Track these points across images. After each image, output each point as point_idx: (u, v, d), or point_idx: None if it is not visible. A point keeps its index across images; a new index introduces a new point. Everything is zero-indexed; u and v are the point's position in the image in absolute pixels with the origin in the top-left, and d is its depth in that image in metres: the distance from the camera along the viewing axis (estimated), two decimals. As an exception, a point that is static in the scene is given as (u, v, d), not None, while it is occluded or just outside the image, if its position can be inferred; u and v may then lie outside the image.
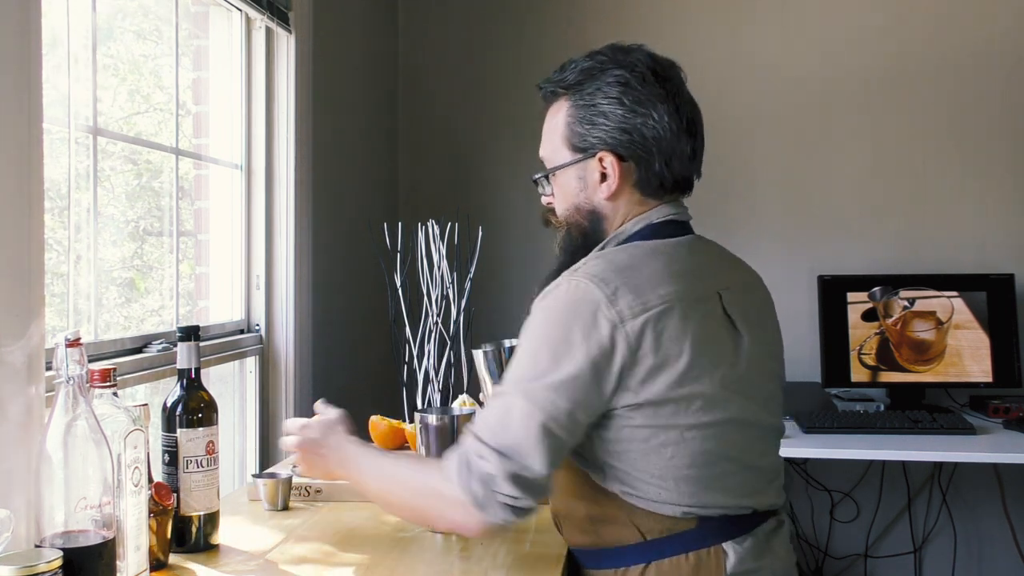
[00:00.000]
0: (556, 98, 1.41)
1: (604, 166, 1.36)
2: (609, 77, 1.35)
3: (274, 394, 2.32)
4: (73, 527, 1.13)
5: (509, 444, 1.21)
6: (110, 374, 1.24)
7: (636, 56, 1.37)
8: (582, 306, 1.24)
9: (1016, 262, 3.01)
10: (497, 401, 1.26)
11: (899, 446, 2.49)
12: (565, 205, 1.41)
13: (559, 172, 1.40)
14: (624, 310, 1.23)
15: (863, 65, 3.14)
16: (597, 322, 1.23)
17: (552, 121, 1.42)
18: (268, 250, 2.31)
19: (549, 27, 3.28)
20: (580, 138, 1.37)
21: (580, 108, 1.37)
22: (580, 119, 1.36)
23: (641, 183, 1.36)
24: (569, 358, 1.22)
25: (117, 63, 1.95)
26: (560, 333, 1.24)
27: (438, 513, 1.28)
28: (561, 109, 1.39)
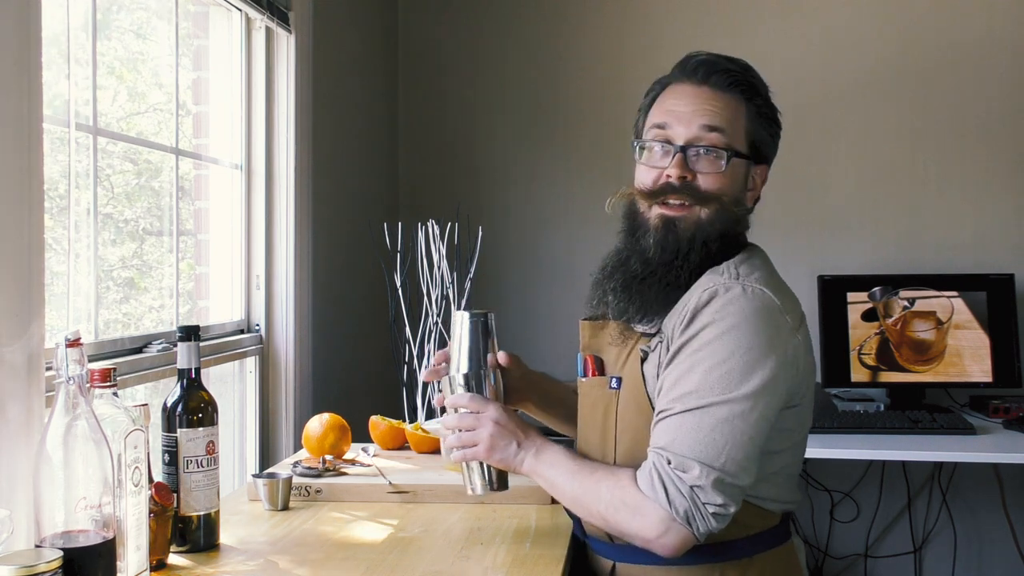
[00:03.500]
0: (732, 88, 1.38)
1: (756, 175, 1.42)
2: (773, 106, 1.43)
3: (274, 394, 2.32)
4: (73, 527, 1.13)
5: (710, 454, 1.23)
6: (110, 374, 1.24)
7: None
8: (766, 314, 1.28)
9: (1016, 262, 3.00)
10: (686, 415, 1.26)
11: (899, 446, 2.48)
12: (726, 188, 1.37)
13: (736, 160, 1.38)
14: (793, 318, 1.31)
15: (863, 65, 3.14)
16: (780, 330, 1.29)
17: (731, 108, 1.39)
18: (268, 250, 2.31)
19: (550, 27, 3.28)
20: (763, 144, 1.41)
21: (768, 120, 1.41)
22: (763, 127, 1.41)
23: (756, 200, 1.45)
24: (763, 366, 1.25)
25: (117, 63, 1.95)
26: (751, 341, 1.26)
27: (633, 530, 1.27)
28: (741, 103, 1.39)
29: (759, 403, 1.25)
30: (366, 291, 2.81)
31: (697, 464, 1.23)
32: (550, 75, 3.27)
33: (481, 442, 1.37)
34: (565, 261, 3.22)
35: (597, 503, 1.31)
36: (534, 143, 3.27)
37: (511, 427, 1.37)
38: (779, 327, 1.28)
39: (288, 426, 2.31)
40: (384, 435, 2.03)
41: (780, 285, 1.35)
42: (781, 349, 1.27)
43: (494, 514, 1.63)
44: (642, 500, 1.25)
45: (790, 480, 1.39)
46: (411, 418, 2.17)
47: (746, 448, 1.24)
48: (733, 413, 1.24)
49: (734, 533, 1.31)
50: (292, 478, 1.71)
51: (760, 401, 1.25)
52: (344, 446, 1.91)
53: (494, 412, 1.38)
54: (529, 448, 1.36)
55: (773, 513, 1.37)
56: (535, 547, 1.45)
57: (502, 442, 1.37)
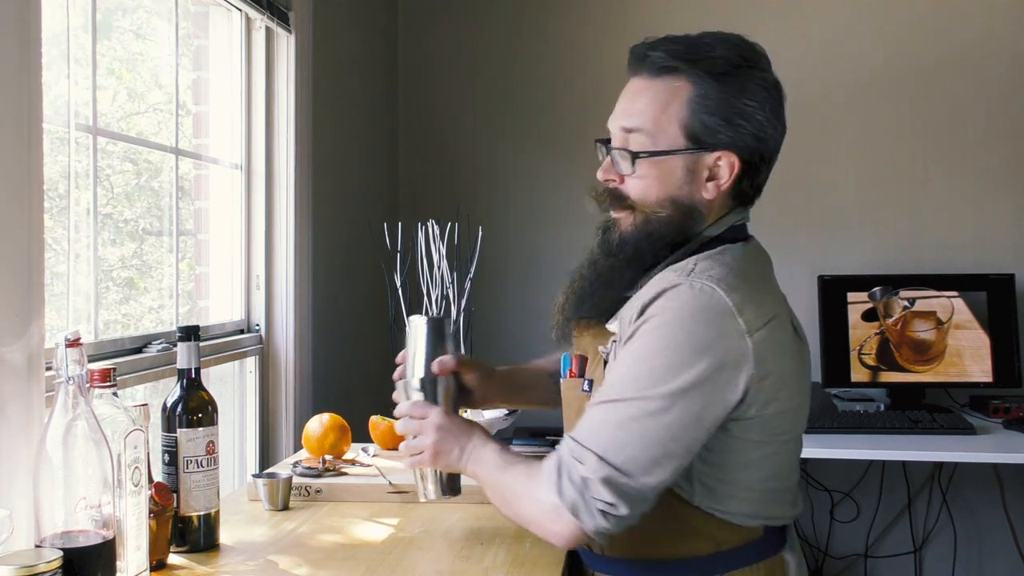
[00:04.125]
0: (670, 73, 1.25)
1: (719, 165, 1.25)
2: (753, 77, 1.25)
3: (274, 394, 2.32)
4: (73, 527, 1.13)
5: (609, 449, 1.16)
6: (110, 374, 1.24)
7: (767, 60, 1.29)
8: (710, 313, 1.17)
9: (1016, 262, 3.00)
10: (600, 407, 1.20)
11: (899, 446, 2.48)
12: (657, 193, 1.26)
13: (662, 157, 1.26)
14: (752, 320, 1.18)
15: (863, 65, 3.14)
16: (726, 331, 1.17)
17: (662, 97, 1.26)
18: (268, 250, 2.31)
19: (550, 27, 3.28)
20: (708, 131, 1.24)
21: (718, 100, 1.24)
22: (711, 110, 1.24)
23: (742, 190, 1.29)
24: (690, 367, 1.16)
25: (117, 63, 1.95)
26: (683, 340, 1.17)
27: (535, 521, 1.23)
28: (682, 89, 1.25)
29: (678, 405, 1.15)
30: (366, 291, 2.80)
31: (593, 457, 1.16)
32: (550, 75, 3.27)
33: (426, 449, 1.34)
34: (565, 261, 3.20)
35: (508, 493, 1.27)
36: (534, 143, 3.27)
37: (454, 431, 1.33)
38: (724, 329, 1.16)
39: (288, 426, 2.31)
40: (384, 435, 2.03)
41: (746, 284, 1.21)
42: (720, 352, 1.16)
43: (494, 514, 1.63)
44: (540, 486, 1.20)
45: (773, 495, 1.28)
46: (411, 418, 2.17)
47: (652, 450, 1.15)
48: (644, 411, 1.15)
49: (700, 548, 1.25)
50: (292, 478, 1.71)
51: (680, 403, 1.15)
52: (344, 446, 1.91)
53: (436, 418, 1.34)
54: (470, 451, 1.32)
55: (751, 528, 1.26)
56: (535, 547, 1.45)
57: (445, 447, 1.33)
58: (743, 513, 1.25)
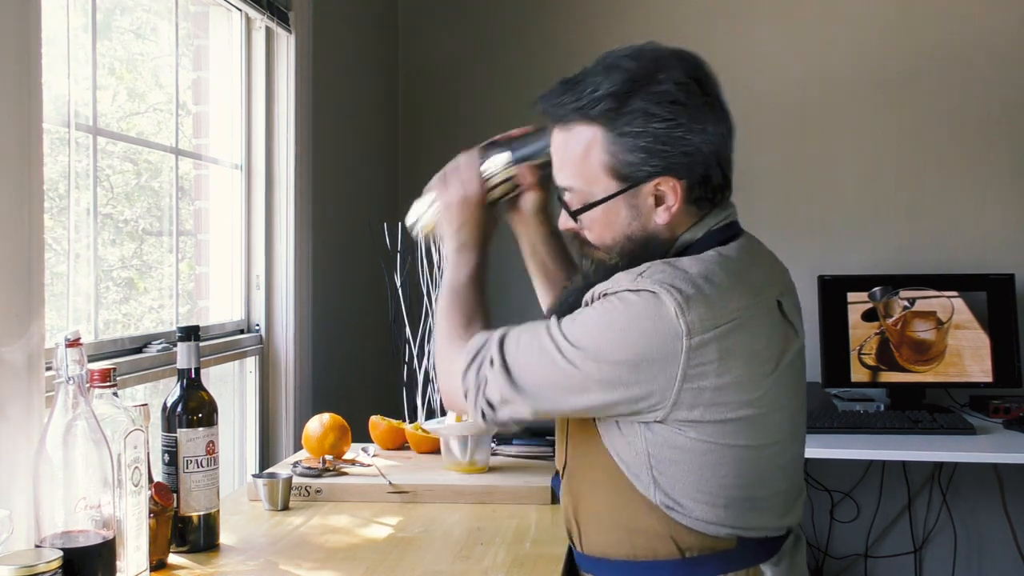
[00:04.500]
0: (572, 122, 1.25)
1: (660, 190, 1.22)
2: (653, 95, 1.20)
3: (274, 394, 2.32)
4: (73, 527, 1.13)
5: (519, 373, 1.22)
6: (110, 374, 1.24)
7: (668, 62, 1.22)
8: (648, 309, 1.15)
9: (1016, 262, 3.00)
10: (542, 333, 1.22)
11: (899, 446, 2.48)
12: (612, 235, 1.26)
13: (601, 206, 1.25)
14: (695, 322, 1.14)
15: (863, 65, 3.14)
16: (660, 330, 1.14)
17: (575, 149, 1.25)
18: (268, 250, 2.31)
19: (551, 26, 3.28)
20: (631, 167, 1.21)
21: (624, 136, 1.20)
22: (628, 148, 1.20)
23: (699, 198, 1.25)
24: (617, 350, 1.16)
25: (117, 63, 1.95)
26: (616, 327, 1.16)
27: (440, 371, 1.34)
28: (589, 136, 1.23)
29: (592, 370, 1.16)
30: (366, 291, 2.80)
31: (503, 367, 1.23)
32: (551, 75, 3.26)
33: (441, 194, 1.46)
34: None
35: (444, 324, 1.36)
36: (534, 143, 3.27)
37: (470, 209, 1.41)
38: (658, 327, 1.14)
39: (288, 426, 2.31)
40: (384, 435, 2.03)
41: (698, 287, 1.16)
42: (648, 347, 1.14)
43: (494, 514, 1.63)
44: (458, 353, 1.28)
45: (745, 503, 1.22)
46: (411, 418, 2.17)
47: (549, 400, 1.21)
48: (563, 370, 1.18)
49: (663, 551, 1.22)
50: (292, 478, 1.71)
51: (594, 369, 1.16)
52: (344, 446, 1.91)
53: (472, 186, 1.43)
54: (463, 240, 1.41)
55: (715, 537, 1.22)
56: (535, 547, 1.45)
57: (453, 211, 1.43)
58: (707, 520, 1.21)
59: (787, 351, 1.24)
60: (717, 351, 1.15)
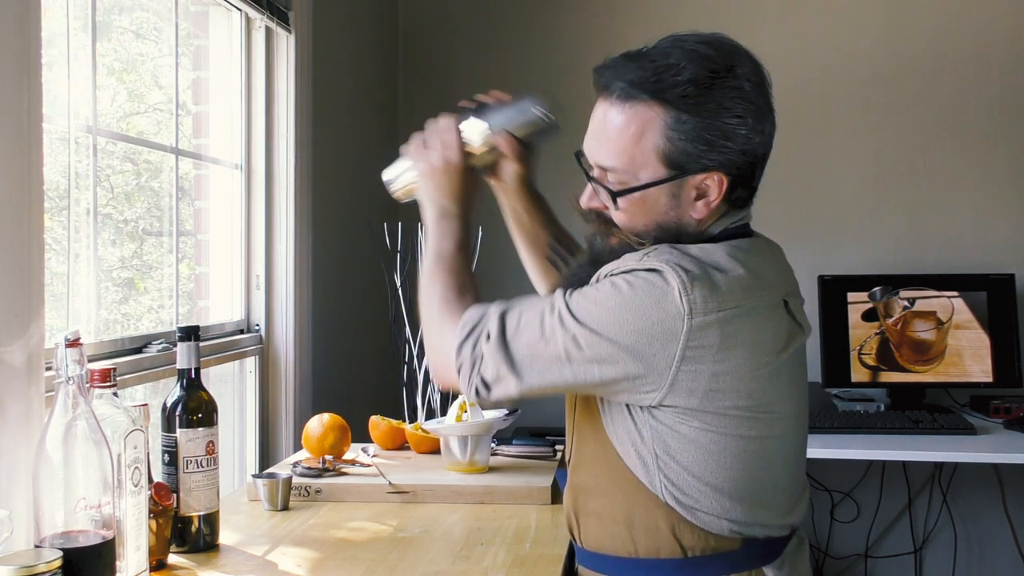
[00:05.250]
0: (635, 100, 1.19)
1: (706, 184, 1.20)
2: (729, 89, 1.17)
3: (274, 394, 2.32)
4: (73, 527, 1.13)
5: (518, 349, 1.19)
6: (110, 374, 1.24)
7: (743, 59, 1.20)
8: (651, 287, 1.14)
9: (1016, 262, 3.00)
10: (542, 307, 1.21)
11: (899, 446, 2.48)
12: (644, 222, 1.23)
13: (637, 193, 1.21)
14: (697, 302, 1.12)
15: (863, 65, 3.14)
16: (663, 305, 1.13)
17: (629, 127, 1.20)
18: (268, 250, 2.31)
19: (551, 28, 3.28)
20: (689, 157, 1.18)
21: (695, 125, 1.16)
22: (690, 137, 1.17)
23: (736, 198, 1.23)
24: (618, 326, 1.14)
25: (117, 63, 1.95)
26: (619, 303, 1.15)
27: (429, 345, 1.31)
28: (649, 117, 1.18)
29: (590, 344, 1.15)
30: (366, 291, 2.80)
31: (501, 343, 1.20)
32: (551, 75, 3.26)
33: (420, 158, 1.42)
34: (565, 261, 3.21)
35: (431, 295, 1.33)
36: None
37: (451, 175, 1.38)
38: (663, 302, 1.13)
39: (288, 426, 2.31)
40: (384, 435, 2.03)
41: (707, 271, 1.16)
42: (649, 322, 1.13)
43: (494, 514, 1.63)
44: (451, 327, 1.26)
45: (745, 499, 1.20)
46: (411, 418, 2.17)
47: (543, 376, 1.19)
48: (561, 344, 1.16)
49: (665, 549, 1.21)
50: (292, 478, 1.71)
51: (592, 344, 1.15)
52: (344, 446, 1.92)
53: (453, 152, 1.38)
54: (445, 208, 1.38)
55: (719, 536, 1.20)
56: (535, 547, 1.45)
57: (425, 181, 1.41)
58: (713, 514, 1.19)
59: (791, 345, 1.22)
60: (718, 335, 1.13)
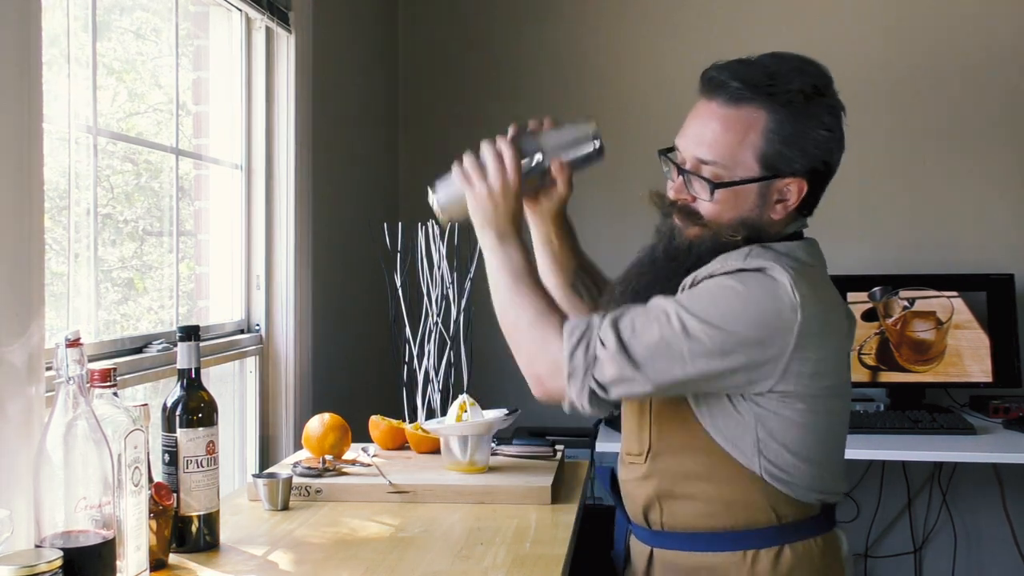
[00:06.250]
0: (747, 102, 1.30)
1: (789, 189, 1.33)
2: (825, 106, 1.33)
3: (274, 394, 2.32)
4: (73, 527, 1.13)
5: (638, 351, 1.24)
6: (110, 374, 1.24)
7: (831, 81, 1.36)
8: (765, 284, 1.25)
9: (1016, 262, 3.00)
10: (656, 311, 1.27)
11: (899, 446, 2.48)
12: (731, 216, 1.32)
13: (733, 188, 1.31)
14: (807, 295, 1.25)
15: (863, 65, 3.14)
16: (779, 299, 1.24)
17: (739, 127, 1.30)
18: (268, 250, 2.31)
19: (551, 26, 3.28)
20: (783, 160, 1.31)
21: (795, 131, 1.30)
22: (789, 142, 1.30)
23: (806, 205, 1.37)
24: (739, 317, 1.24)
25: (117, 63, 1.95)
26: (737, 300, 1.24)
27: (531, 360, 1.32)
28: (756, 118, 1.29)
29: (712, 337, 1.23)
30: (366, 291, 2.80)
31: (618, 345, 1.24)
32: (550, 74, 3.26)
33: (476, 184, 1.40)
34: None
35: (519, 312, 1.34)
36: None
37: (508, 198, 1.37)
38: (778, 299, 1.25)
39: (288, 426, 2.31)
40: (384, 435, 2.03)
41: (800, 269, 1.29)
42: (769, 316, 1.25)
43: (494, 514, 1.63)
44: (553, 336, 1.29)
45: (827, 469, 1.35)
46: (411, 418, 2.17)
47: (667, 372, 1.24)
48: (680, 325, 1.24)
49: (763, 519, 1.32)
50: (292, 478, 1.71)
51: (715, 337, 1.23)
52: (344, 446, 1.92)
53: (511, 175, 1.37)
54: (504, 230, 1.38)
55: (807, 504, 1.34)
56: (535, 547, 1.45)
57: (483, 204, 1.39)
58: (802, 486, 1.32)
59: (851, 332, 1.41)
60: (820, 324, 1.26)
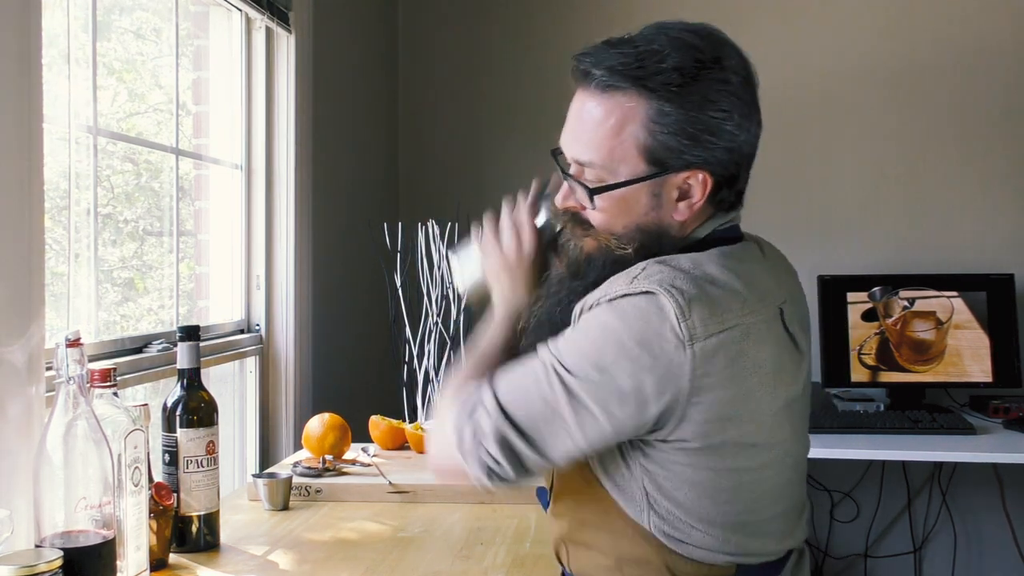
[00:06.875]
0: (615, 90, 1.10)
1: (688, 184, 1.12)
2: (715, 82, 1.09)
3: (274, 394, 2.32)
4: (73, 527, 1.13)
5: (519, 413, 1.08)
6: (110, 374, 1.24)
7: (730, 51, 1.12)
8: (646, 316, 1.04)
9: (1016, 262, 3.00)
10: (533, 367, 1.10)
11: (899, 446, 2.48)
12: (623, 223, 1.14)
13: (623, 188, 1.12)
14: (697, 326, 1.04)
15: (863, 65, 3.14)
16: (662, 335, 1.03)
17: (613, 120, 1.11)
18: (268, 250, 2.31)
19: (551, 26, 3.28)
20: (672, 153, 1.10)
21: (679, 118, 1.08)
22: (673, 130, 1.09)
23: (721, 200, 1.16)
24: (617, 359, 1.04)
25: (117, 63, 1.95)
26: (613, 342, 1.05)
27: (435, 442, 1.18)
28: (630, 108, 1.10)
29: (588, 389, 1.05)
30: (366, 291, 2.81)
31: (499, 411, 1.09)
32: (551, 74, 3.26)
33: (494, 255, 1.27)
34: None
35: (452, 389, 1.19)
36: (535, 142, 3.27)
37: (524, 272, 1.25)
38: (659, 332, 1.04)
39: (288, 426, 2.31)
40: (384, 435, 2.04)
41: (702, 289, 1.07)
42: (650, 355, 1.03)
43: (494, 514, 1.64)
44: (453, 413, 1.13)
45: (744, 529, 1.14)
46: (411, 418, 2.17)
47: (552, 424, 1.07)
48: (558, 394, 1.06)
49: None
50: (292, 478, 1.72)
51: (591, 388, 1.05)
52: (344, 446, 1.92)
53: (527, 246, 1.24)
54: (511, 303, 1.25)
55: (713, 565, 1.13)
56: (535, 547, 1.45)
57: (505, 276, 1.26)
58: (706, 548, 1.12)
59: (785, 362, 1.14)
60: (723, 359, 1.05)
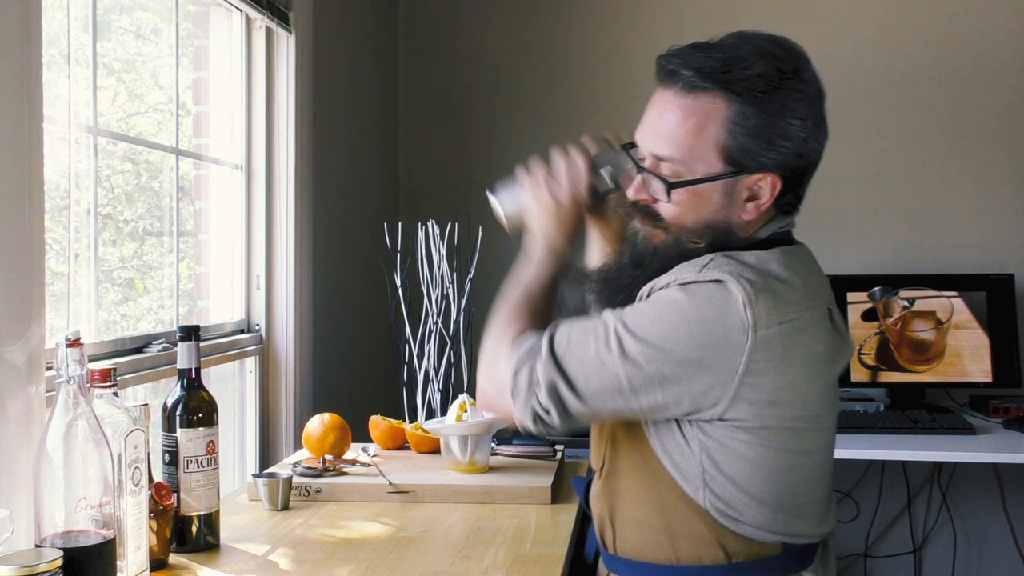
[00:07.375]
0: (704, 91, 1.17)
1: (759, 186, 1.20)
2: (794, 91, 1.17)
3: (274, 394, 2.32)
4: (73, 527, 1.13)
5: (572, 366, 1.16)
6: (110, 374, 1.24)
7: (807, 64, 1.20)
8: (715, 300, 1.12)
9: (1016, 262, 3.01)
10: (595, 325, 1.18)
11: (899, 446, 2.48)
12: (694, 219, 1.21)
13: (699, 185, 1.19)
14: (762, 314, 1.12)
15: (863, 65, 3.14)
16: (728, 317, 1.11)
17: (696, 119, 1.18)
18: (268, 250, 2.31)
19: (552, 26, 3.28)
20: (748, 155, 1.17)
21: (759, 122, 1.16)
22: (752, 133, 1.16)
23: (784, 204, 1.24)
24: (682, 337, 1.12)
25: (117, 63, 1.95)
26: (680, 317, 1.12)
27: (486, 364, 1.26)
28: (714, 109, 1.17)
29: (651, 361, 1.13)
30: (366, 291, 2.81)
31: (553, 363, 1.17)
32: (551, 74, 3.27)
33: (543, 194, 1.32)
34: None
35: (502, 320, 1.28)
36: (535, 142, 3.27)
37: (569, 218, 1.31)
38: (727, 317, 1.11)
39: (288, 426, 2.31)
40: (384, 435, 2.03)
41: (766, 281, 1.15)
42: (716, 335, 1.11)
43: (494, 514, 1.64)
44: (507, 355, 1.22)
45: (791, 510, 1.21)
46: (411, 418, 2.17)
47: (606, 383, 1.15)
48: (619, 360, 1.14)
49: (708, 556, 1.20)
50: (292, 478, 1.72)
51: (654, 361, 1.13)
52: (344, 446, 1.92)
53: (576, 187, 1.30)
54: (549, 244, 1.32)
55: (766, 544, 1.20)
56: (535, 547, 1.45)
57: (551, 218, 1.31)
58: (756, 526, 1.19)
59: (837, 357, 1.23)
60: (780, 347, 1.13)
